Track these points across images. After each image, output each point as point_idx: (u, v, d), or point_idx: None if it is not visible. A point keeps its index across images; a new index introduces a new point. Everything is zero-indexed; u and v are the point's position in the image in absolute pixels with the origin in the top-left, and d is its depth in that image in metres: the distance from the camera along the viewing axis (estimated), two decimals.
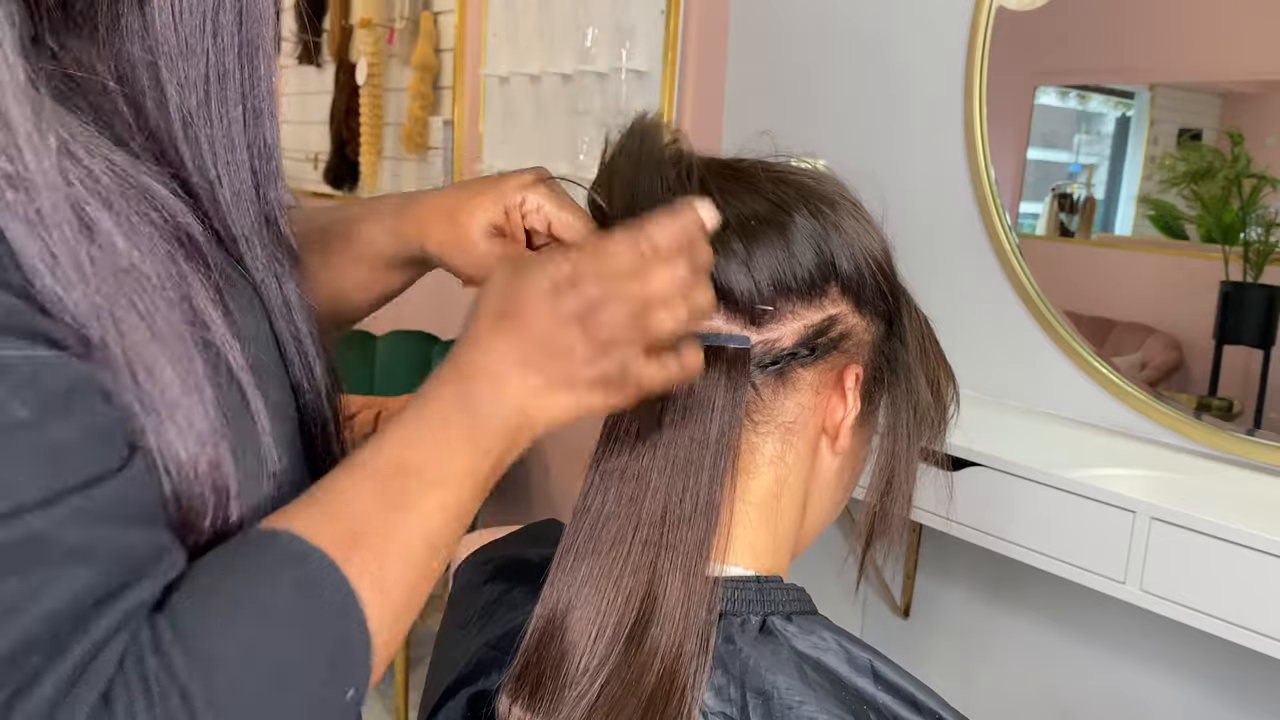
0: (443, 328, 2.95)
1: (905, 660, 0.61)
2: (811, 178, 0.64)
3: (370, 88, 2.97)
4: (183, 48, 0.51)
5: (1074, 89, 1.44)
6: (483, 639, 0.65)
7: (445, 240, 0.66)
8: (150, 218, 0.47)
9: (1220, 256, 1.20)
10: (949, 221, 1.47)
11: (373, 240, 0.70)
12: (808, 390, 0.62)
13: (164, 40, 0.50)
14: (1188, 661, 1.28)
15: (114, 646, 0.39)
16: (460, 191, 0.67)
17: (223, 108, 0.53)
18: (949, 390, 0.69)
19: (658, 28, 2.09)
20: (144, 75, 0.51)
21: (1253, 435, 1.17)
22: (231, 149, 0.54)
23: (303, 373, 0.58)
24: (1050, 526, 1.13)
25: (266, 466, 0.51)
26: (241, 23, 0.52)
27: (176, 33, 0.51)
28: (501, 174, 0.66)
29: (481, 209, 0.65)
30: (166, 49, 0.51)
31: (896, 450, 0.66)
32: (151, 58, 0.51)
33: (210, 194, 0.53)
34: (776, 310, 0.60)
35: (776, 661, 0.56)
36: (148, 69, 0.51)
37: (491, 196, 0.65)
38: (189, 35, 0.51)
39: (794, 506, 0.64)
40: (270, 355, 0.55)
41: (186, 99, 0.52)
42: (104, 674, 0.39)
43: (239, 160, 0.54)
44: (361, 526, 0.47)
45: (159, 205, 0.48)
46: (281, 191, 0.58)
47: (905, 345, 0.66)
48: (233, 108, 0.53)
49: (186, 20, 0.51)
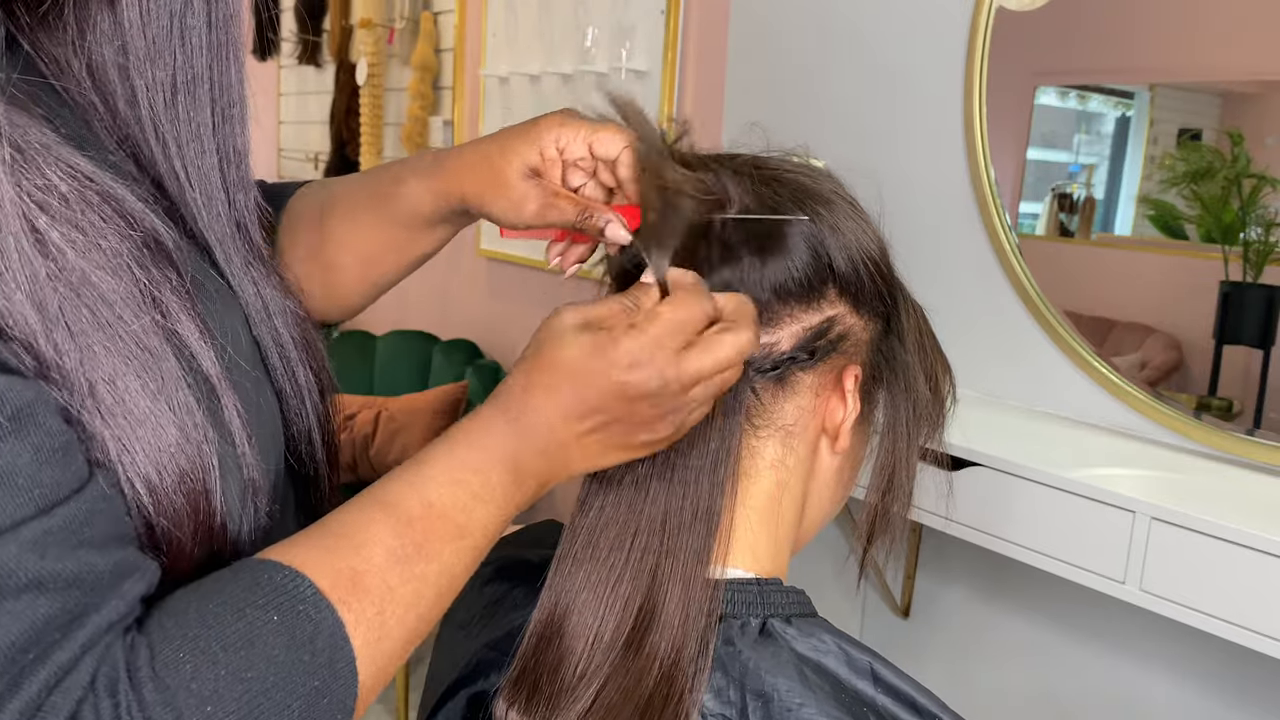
0: (443, 328, 2.96)
1: (905, 660, 0.61)
2: (808, 175, 0.63)
3: (370, 88, 2.97)
4: (150, 49, 0.50)
5: (1074, 89, 1.44)
6: (483, 640, 0.65)
7: (483, 186, 0.66)
8: (116, 224, 0.46)
9: (1220, 256, 1.20)
10: (948, 221, 1.47)
11: (413, 198, 0.69)
12: (807, 393, 0.62)
13: (133, 41, 0.50)
14: (1187, 661, 1.28)
15: (82, 669, 0.39)
16: (494, 139, 0.67)
17: (191, 110, 0.52)
18: (946, 384, 0.69)
19: (658, 28, 2.09)
20: (115, 76, 0.51)
21: (1252, 435, 1.17)
22: (201, 153, 0.53)
23: (285, 378, 0.58)
24: (1050, 526, 1.13)
25: (244, 473, 0.50)
26: (211, 25, 0.52)
27: (144, 34, 0.50)
28: (533, 119, 0.66)
29: (516, 152, 0.65)
30: (135, 50, 0.50)
31: (896, 448, 0.65)
32: (123, 59, 0.50)
33: (181, 197, 0.53)
34: (775, 314, 0.60)
35: (776, 664, 0.56)
36: (119, 71, 0.51)
37: (526, 139, 0.65)
38: (156, 36, 0.50)
39: (793, 508, 0.64)
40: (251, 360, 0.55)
41: (155, 101, 0.51)
42: (72, 696, 0.38)
43: (209, 165, 0.54)
44: (367, 567, 0.46)
45: (125, 211, 0.47)
46: (252, 198, 0.58)
47: (903, 343, 0.66)
48: (201, 110, 0.53)
49: (154, 22, 0.50)
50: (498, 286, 2.84)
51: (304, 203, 0.75)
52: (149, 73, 0.50)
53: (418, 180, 0.69)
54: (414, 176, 0.69)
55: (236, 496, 0.50)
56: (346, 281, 0.74)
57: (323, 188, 0.75)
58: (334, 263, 0.73)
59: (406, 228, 0.71)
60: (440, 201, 0.68)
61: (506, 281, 2.82)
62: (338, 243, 0.73)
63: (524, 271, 2.72)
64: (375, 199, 0.71)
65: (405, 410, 2.68)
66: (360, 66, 2.99)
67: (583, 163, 0.65)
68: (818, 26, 1.64)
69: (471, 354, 2.82)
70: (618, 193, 0.65)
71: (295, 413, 0.59)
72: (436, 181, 0.68)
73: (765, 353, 0.60)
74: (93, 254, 0.44)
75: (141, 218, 0.47)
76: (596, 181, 0.66)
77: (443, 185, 0.68)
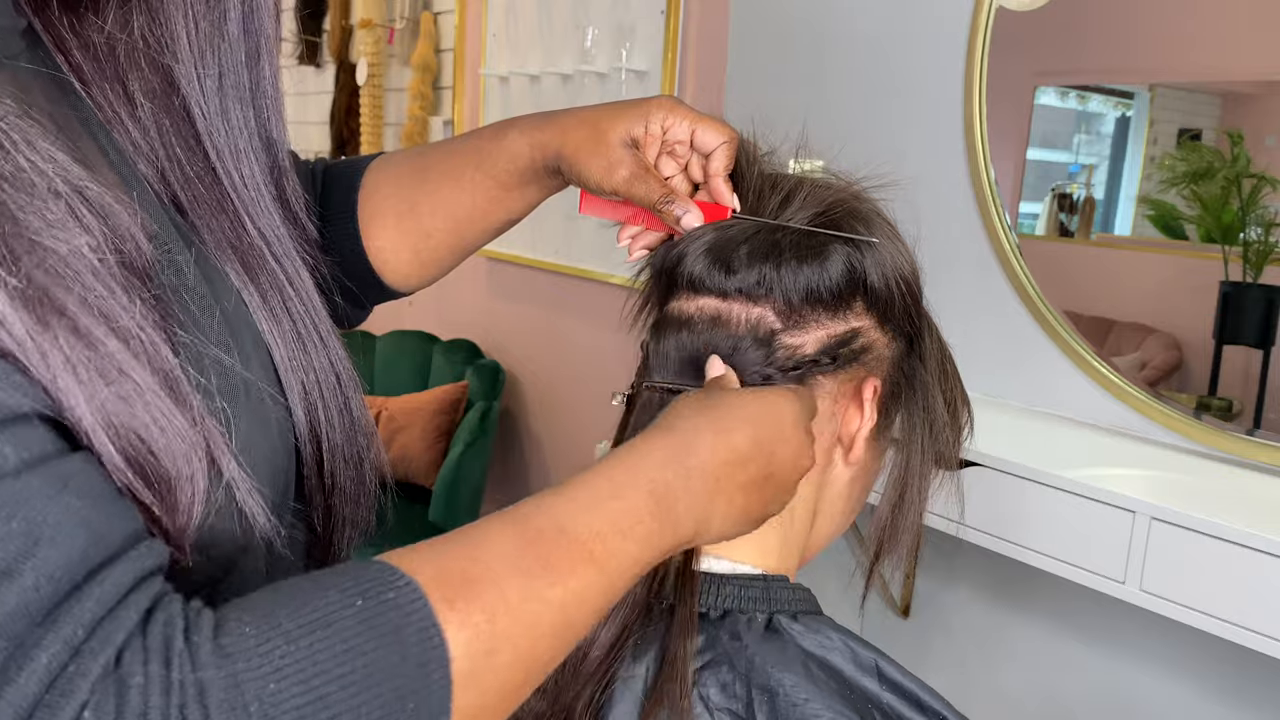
0: (443, 328, 2.96)
1: (905, 660, 0.62)
2: (854, 197, 0.65)
3: (370, 88, 2.98)
4: (198, 49, 0.51)
5: (1074, 89, 1.44)
6: None
7: (583, 144, 0.67)
8: (82, 221, 0.41)
9: (1220, 256, 1.20)
10: (949, 221, 1.47)
11: (512, 149, 0.71)
12: (826, 398, 0.63)
13: (176, 39, 0.50)
14: (1186, 661, 1.28)
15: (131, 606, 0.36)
16: (601, 106, 0.69)
17: (228, 104, 0.53)
18: (965, 414, 0.71)
19: (658, 28, 2.10)
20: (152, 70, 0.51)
21: (1252, 435, 1.17)
22: (245, 147, 0.54)
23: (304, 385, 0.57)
24: (1050, 526, 1.13)
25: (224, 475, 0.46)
26: (247, 24, 0.52)
27: (188, 34, 0.50)
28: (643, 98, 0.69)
29: (624, 119, 0.67)
30: (176, 47, 0.50)
31: (910, 466, 0.67)
32: (168, 56, 0.50)
33: (225, 203, 0.53)
34: (803, 318, 0.61)
35: (782, 659, 0.56)
36: (159, 70, 0.51)
37: (636, 111, 0.67)
38: (200, 37, 0.51)
39: (805, 512, 0.65)
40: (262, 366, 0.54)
41: (195, 93, 0.51)
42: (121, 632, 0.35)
43: (252, 164, 0.54)
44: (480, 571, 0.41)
45: (98, 210, 0.42)
46: (297, 185, 0.59)
47: (925, 364, 0.67)
48: (245, 108, 0.53)
49: (199, 24, 0.50)
50: (498, 286, 2.85)
51: (391, 169, 0.76)
52: (198, 78, 0.51)
53: (519, 133, 0.71)
54: (514, 130, 0.71)
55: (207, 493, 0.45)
56: (438, 245, 0.75)
57: (418, 153, 0.76)
58: (427, 226, 0.74)
59: (501, 185, 0.72)
60: (536, 154, 0.69)
61: (506, 281, 2.82)
62: (434, 204, 0.73)
63: (524, 271, 2.72)
64: (477, 153, 0.72)
65: (405, 410, 2.68)
66: (360, 66, 2.99)
67: (680, 148, 0.67)
68: (817, 27, 1.64)
69: (471, 354, 2.82)
70: (702, 188, 0.67)
71: (323, 433, 0.58)
72: (539, 133, 0.70)
73: (789, 353, 0.61)
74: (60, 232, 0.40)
75: (115, 219, 0.43)
76: (684, 176, 0.68)
77: (545, 137, 0.69)
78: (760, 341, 0.61)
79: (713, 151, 0.66)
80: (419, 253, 0.75)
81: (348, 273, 0.72)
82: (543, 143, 0.69)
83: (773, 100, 1.74)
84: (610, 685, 0.57)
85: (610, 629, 0.58)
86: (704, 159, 0.67)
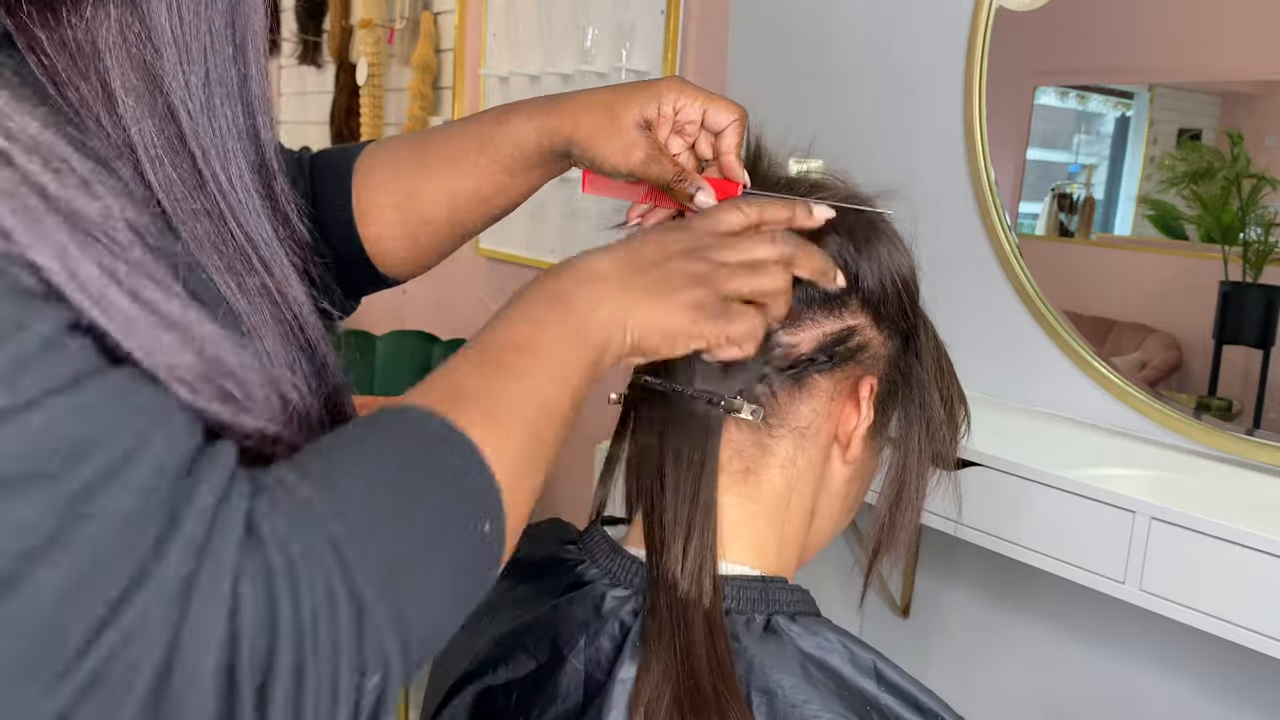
0: (443, 328, 2.96)
1: (904, 660, 0.62)
2: (852, 196, 0.66)
3: (370, 88, 2.97)
4: (184, 48, 0.49)
5: (1074, 89, 1.44)
6: (487, 636, 0.66)
7: (596, 128, 0.68)
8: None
9: (1220, 256, 1.20)
10: (948, 221, 1.47)
11: (516, 134, 0.71)
12: (823, 397, 0.63)
13: (159, 33, 0.49)
14: (1187, 661, 1.28)
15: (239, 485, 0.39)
16: (609, 89, 0.69)
17: (215, 102, 0.51)
18: (961, 412, 0.71)
19: (658, 28, 2.10)
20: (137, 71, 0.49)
21: (1252, 435, 1.17)
22: (232, 148, 0.52)
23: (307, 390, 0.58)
24: (1049, 526, 1.13)
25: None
26: (234, 16, 0.51)
27: (172, 28, 0.49)
28: (651, 79, 0.70)
29: (636, 102, 0.67)
30: (160, 42, 0.49)
31: (908, 464, 0.67)
32: (151, 52, 0.49)
33: (216, 206, 0.52)
34: (798, 316, 0.61)
35: (781, 660, 0.57)
36: (142, 67, 0.49)
37: (648, 93, 0.68)
38: (188, 35, 0.49)
39: (802, 512, 0.65)
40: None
41: (179, 89, 0.50)
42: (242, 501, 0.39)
43: (240, 163, 0.53)
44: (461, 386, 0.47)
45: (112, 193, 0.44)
46: (286, 185, 0.58)
47: (921, 362, 0.67)
48: (234, 106, 0.52)
49: (186, 21, 0.49)
50: (498, 286, 2.85)
51: (388, 155, 0.75)
52: (183, 74, 0.50)
53: (523, 118, 0.70)
54: (519, 115, 0.71)
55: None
56: (437, 231, 0.75)
57: (415, 139, 0.76)
58: (427, 213, 0.74)
59: (505, 169, 0.72)
60: (543, 139, 0.69)
61: (507, 281, 2.82)
62: (435, 190, 0.73)
63: (524, 271, 2.72)
64: (480, 138, 0.72)
65: None
66: (360, 67, 2.99)
67: (690, 127, 0.68)
68: (817, 27, 1.64)
69: None
70: (710, 165, 0.68)
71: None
72: (547, 119, 0.69)
73: (785, 352, 0.62)
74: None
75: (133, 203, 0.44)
76: (691, 154, 0.69)
77: (553, 123, 0.69)
78: None
79: (723, 129, 0.67)
80: (417, 239, 0.74)
81: (341, 263, 0.71)
82: (551, 128, 0.69)
83: (773, 100, 1.74)
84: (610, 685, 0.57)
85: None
86: (713, 137, 0.68)
